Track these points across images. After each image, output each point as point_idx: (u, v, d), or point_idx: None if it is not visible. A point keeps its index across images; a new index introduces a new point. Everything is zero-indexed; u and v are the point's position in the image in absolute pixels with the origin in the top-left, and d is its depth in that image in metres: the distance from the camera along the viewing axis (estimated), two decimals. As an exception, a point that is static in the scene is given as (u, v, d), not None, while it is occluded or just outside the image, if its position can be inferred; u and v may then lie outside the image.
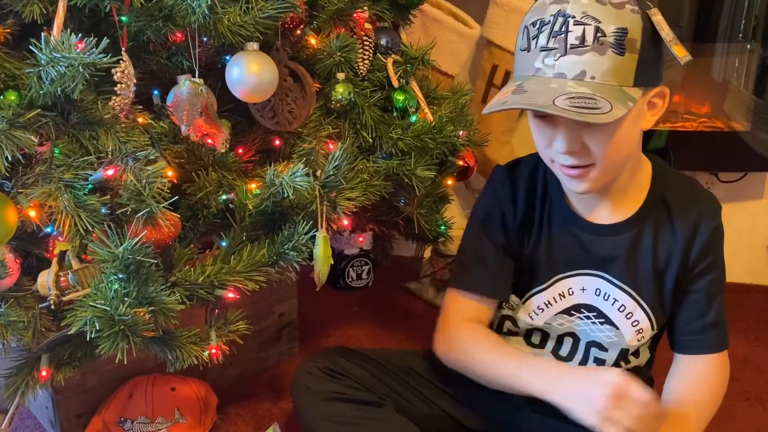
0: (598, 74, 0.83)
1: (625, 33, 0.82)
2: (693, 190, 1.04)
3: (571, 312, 1.06)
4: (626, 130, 0.87)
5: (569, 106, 0.80)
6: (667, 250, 1.01)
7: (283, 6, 0.98)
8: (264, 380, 1.49)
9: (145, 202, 0.90)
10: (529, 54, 0.86)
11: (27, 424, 1.33)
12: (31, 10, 0.90)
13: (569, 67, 0.83)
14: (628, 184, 0.99)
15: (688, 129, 1.86)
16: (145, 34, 0.95)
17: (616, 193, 0.99)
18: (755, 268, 1.98)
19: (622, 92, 0.83)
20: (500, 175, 1.07)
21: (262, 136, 1.18)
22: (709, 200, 1.03)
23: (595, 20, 0.82)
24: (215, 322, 1.10)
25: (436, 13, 1.64)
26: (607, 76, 0.83)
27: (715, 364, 1.04)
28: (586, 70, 0.83)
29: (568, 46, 0.83)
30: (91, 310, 0.88)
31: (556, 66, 0.84)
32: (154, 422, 1.22)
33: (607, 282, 1.03)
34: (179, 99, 0.98)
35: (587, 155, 0.89)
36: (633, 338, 1.04)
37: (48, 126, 0.89)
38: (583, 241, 1.02)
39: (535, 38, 0.85)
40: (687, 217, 1.00)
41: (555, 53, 0.84)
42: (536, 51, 0.85)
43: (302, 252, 1.05)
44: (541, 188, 1.04)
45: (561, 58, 0.83)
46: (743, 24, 1.80)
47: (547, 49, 0.84)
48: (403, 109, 1.28)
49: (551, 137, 0.90)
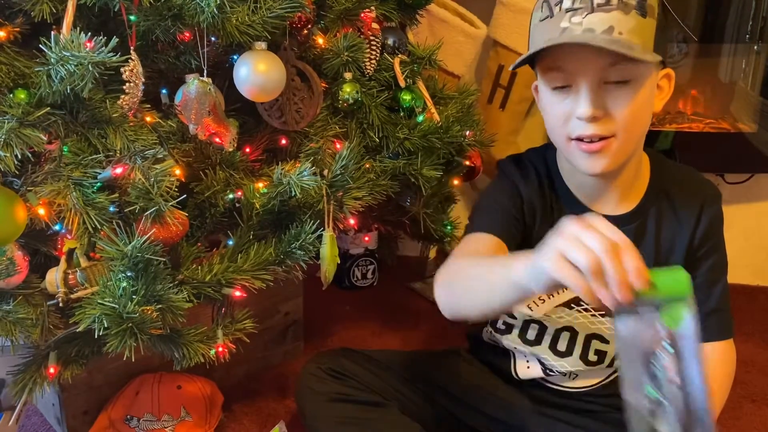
0: (625, 31, 0.84)
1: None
2: (693, 177, 1.04)
3: (571, 305, 1.05)
4: (645, 98, 0.88)
5: (606, 45, 0.81)
6: (670, 239, 1.01)
7: (290, 5, 0.98)
8: (270, 379, 1.49)
9: (153, 200, 0.90)
10: (554, 19, 0.87)
11: (33, 421, 1.33)
12: (40, 9, 0.90)
13: (597, 23, 0.84)
14: (633, 175, 0.99)
15: (694, 130, 1.86)
16: (153, 33, 0.96)
17: (621, 185, 0.99)
18: (761, 269, 1.97)
19: (648, 50, 0.85)
20: (509, 166, 1.06)
21: (269, 135, 1.18)
22: (710, 186, 1.04)
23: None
24: (222, 321, 1.10)
25: (442, 13, 1.64)
26: (632, 34, 0.84)
27: (719, 353, 1.02)
28: (614, 26, 0.84)
29: (595, 5, 0.84)
30: (99, 308, 0.88)
31: (584, 23, 0.84)
32: (160, 420, 1.22)
33: None
34: (187, 98, 0.99)
35: (608, 123, 0.88)
36: None
37: (57, 124, 0.90)
38: None
39: (557, 4, 0.86)
40: (690, 204, 1.00)
41: (582, 12, 0.85)
42: (561, 14, 0.86)
43: (309, 251, 1.06)
44: (547, 180, 1.03)
45: (588, 16, 0.84)
46: (750, 24, 1.79)
47: (573, 9, 0.85)
48: (409, 108, 1.29)
49: (571, 107, 0.89)
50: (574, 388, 1.11)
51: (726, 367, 1.03)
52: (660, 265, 0.99)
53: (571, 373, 1.09)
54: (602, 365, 1.08)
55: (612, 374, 1.11)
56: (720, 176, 1.90)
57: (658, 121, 1.84)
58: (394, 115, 1.28)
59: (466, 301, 0.85)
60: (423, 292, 1.90)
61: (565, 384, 1.12)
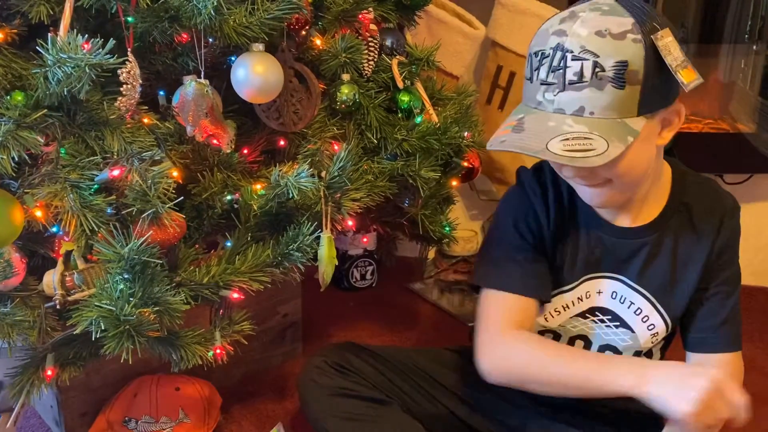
0: (597, 109, 0.81)
1: (625, 66, 0.80)
2: (713, 190, 1.04)
3: (586, 315, 1.05)
4: (635, 155, 0.85)
5: (562, 150, 0.80)
6: (688, 252, 1.00)
7: (288, 7, 0.98)
8: (268, 380, 1.49)
9: (151, 202, 0.90)
10: (532, 85, 0.86)
11: (32, 423, 1.33)
12: (37, 11, 0.90)
13: (568, 103, 0.82)
14: (650, 191, 0.98)
15: (693, 130, 1.85)
16: (151, 34, 0.96)
17: (638, 201, 0.98)
18: (760, 270, 1.97)
19: (623, 126, 0.82)
20: (528, 178, 1.03)
21: (267, 136, 1.18)
22: (730, 199, 1.03)
23: (594, 55, 0.80)
24: (220, 323, 1.10)
25: (441, 14, 1.64)
26: (607, 111, 0.81)
27: (729, 365, 1.02)
28: (585, 106, 0.81)
29: (567, 82, 0.82)
30: (97, 310, 0.88)
31: (555, 102, 0.83)
32: (159, 422, 1.22)
33: (624, 285, 1.02)
34: (185, 100, 0.98)
35: (599, 177, 0.88)
36: (648, 341, 1.04)
37: (54, 126, 0.90)
38: (605, 243, 1.01)
39: (536, 70, 0.85)
40: (710, 218, 1.00)
41: (554, 88, 0.83)
42: (537, 83, 0.85)
43: (307, 252, 1.05)
44: (567, 192, 1.01)
45: (560, 94, 0.82)
46: (749, 25, 1.79)
47: (547, 83, 0.83)
48: (407, 110, 1.28)
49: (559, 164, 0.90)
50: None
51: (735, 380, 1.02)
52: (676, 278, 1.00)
53: None
54: None
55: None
56: (719, 176, 1.89)
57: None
58: (392, 117, 1.28)
59: (540, 389, 0.95)
60: (422, 293, 1.90)
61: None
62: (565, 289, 1.04)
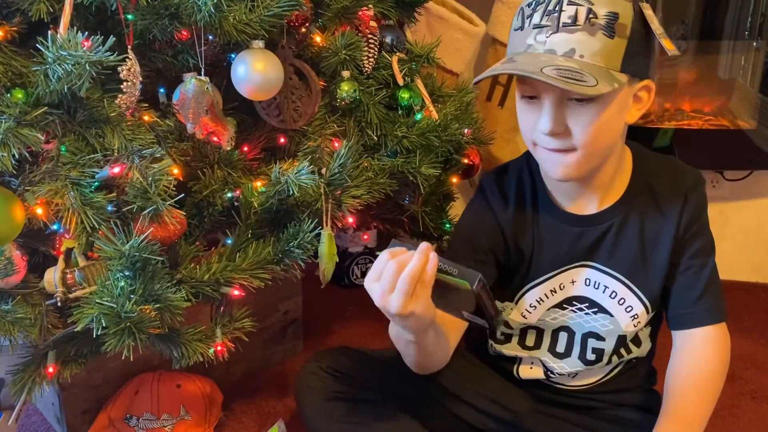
0: (587, 54, 0.85)
1: (616, 17, 0.84)
2: (675, 167, 1.04)
3: (563, 305, 1.06)
4: (610, 117, 0.88)
5: (556, 76, 0.82)
6: (655, 230, 1.01)
7: (288, 4, 0.98)
8: (269, 377, 1.49)
9: (151, 199, 0.90)
10: (522, 32, 0.88)
11: (33, 421, 1.33)
12: (37, 9, 0.90)
13: (559, 44, 0.85)
14: (612, 175, 0.99)
15: (693, 127, 1.85)
16: (151, 32, 0.96)
17: (600, 185, 0.99)
18: (761, 266, 1.97)
19: (608, 74, 0.85)
20: (489, 183, 1.07)
21: (267, 134, 1.18)
22: (692, 173, 1.04)
23: (588, 2, 0.84)
24: (220, 320, 1.10)
25: (441, 11, 1.64)
26: (595, 57, 0.85)
27: (712, 338, 1.01)
28: (576, 48, 0.85)
29: (560, 24, 0.85)
30: (98, 307, 0.88)
31: (547, 43, 0.86)
32: (160, 419, 1.22)
33: (595, 270, 1.03)
34: (185, 97, 0.98)
35: (569, 139, 0.89)
36: (629, 324, 1.04)
37: (54, 124, 0.90)
38: (570, 234, 1.02)
39: (529, 17, 0.88)
40: (674, 194, 1.00)
41: (547, 30, 0.86)
42: (529, 29, 0.87)
43: (307, 250, 1.05)
44: (530, 187, 1.04)
45: (552, 35, 0.85)
46: (749, 21, 1.79)
47: (540, 26, 0.86)
48: (408, 107, 1.29)
49: (536, 118, 0.90)
50: (573, 386, 1.12)
51: (721, 354, 1.01)
52: (646, 257, 1.00)
53: (570, 373, 1.09)
54: (601, 363, 1.08)
55: (610, 372, 1.11)
56: (719, 173, 1.90)
57: (657, 119, 1.84)
58: (392, 114, 1.28)
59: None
60: (422, 290, 1.90)
61: (565, 382, 1.12)
62: (537, 282, 1.05)
